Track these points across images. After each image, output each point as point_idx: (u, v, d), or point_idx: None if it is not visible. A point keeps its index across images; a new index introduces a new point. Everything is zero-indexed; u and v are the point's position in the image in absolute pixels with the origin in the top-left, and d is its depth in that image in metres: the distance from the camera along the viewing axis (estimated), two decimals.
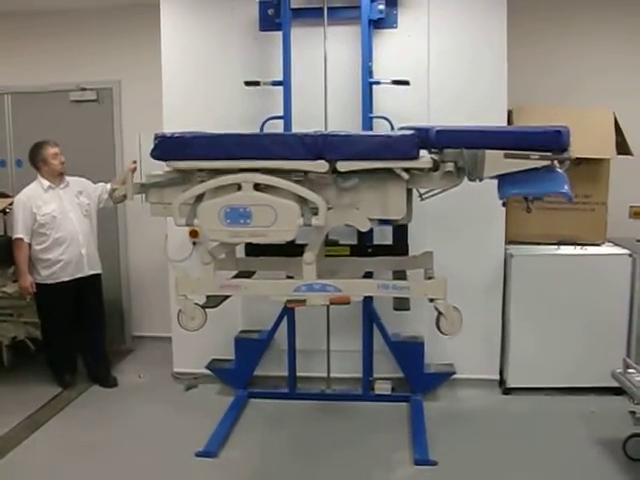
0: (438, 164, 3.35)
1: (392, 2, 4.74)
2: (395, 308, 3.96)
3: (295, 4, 4.67)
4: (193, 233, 3.51)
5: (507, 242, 4.96)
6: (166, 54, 4.97)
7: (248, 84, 4.76)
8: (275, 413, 4.78)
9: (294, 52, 4.63)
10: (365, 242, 4.65)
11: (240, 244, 4.32)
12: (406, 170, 3.35)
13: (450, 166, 3.30)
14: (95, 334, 5.40)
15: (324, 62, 4.71)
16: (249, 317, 5.17)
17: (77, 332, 5.30)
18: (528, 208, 3.45)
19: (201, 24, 4.97)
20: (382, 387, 4.97)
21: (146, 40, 5.47)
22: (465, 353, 4.91)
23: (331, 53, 4.72)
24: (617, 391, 4.44)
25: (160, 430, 4.54)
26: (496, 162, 3.22)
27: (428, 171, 3.39)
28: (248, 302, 5.06)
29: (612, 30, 5.55)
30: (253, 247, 4.55)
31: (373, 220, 3.54)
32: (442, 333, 3.57)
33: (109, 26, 6.02)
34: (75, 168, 5.24)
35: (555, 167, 3.24)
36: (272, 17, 4.77)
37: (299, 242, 3.56)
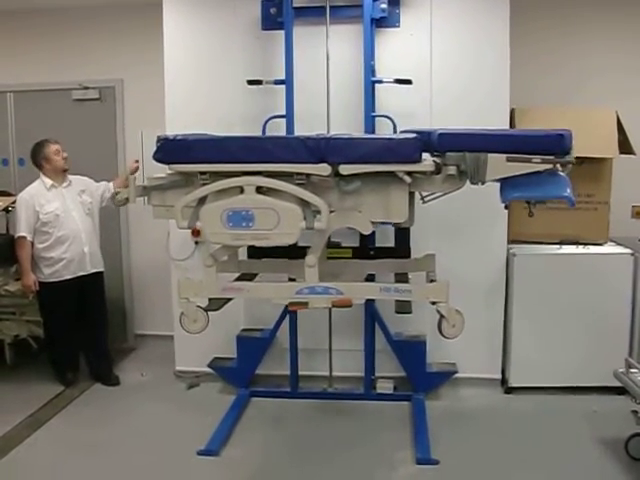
0: (440, 167, 3.34)
1: (394, 1, 4.73)
2: (397, 311, 3.98)
3: (297, 3, 4.66)
4: (195, 232, 3.49)
5: (509, 241, 4.96)
6: (168, 53, 4.96)
7: (250, 83, 4.75)
8: (277, 412, 4.79)
9: (296, 51, 4.62)
10: (367, 244, 4.65)
11: (242, 247, 4.32)
12: (408, 173, 3.34)
13: (452, 169, 3.29)
14: (97, 332, 5.40)
15: (326, 61, 4.69)
16: (251, 315, 5.17)
17: (79, 330, 5.30)
18: (530, 212, 3.44)
19: (203, 23, 4.96)
20: (384, 386, 4.98)
21: (149, 39, 5.46)
22: (467, 352, 4.91)
23: (333, 52, 4.71)
24: (619, 391, 4.45)
25: (162, 428, 4.55)
26: (498, 166, 3.21)
27: (430, 174, 3.39)
28: (250, 301, 5.06)
29: (615, 29, 5.53)
30: (255, 249, 4.53)
31: (375, 223, 3.53)
32: (444, 336, 3.58)
33: (112, 25, 6.02)
34: (77, 166, 5.24)
35: (558, 170, 3.23)
36: (274, 16, 4.76)
37: (301, 244, 3.56)
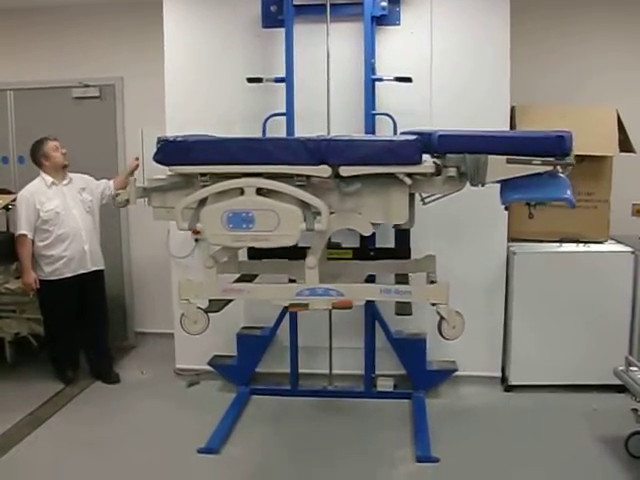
0: (440, 169, 3.34)
1: None
2: (397, 313, 3.97)
3: (298, 1, 4.65)
4: (195, 230, 3.49)
5: (509, 239, 4.95)
6: (169, 51, 4.95)
7: (251, 81, 4.74)
8: (277, 410, 4.80)
9: (296, 49, 4.62)
10: (367, 245, 4.64)
11: (243, 248, 4.33)
12: (409, 175, 3.33)
13: (452, 171, 3.29)
14: (98, 330, 5.40)
15: (327, 59, 4.68)
16: (251, 313, 5.17)
17: (80, 328, 5.30)
18: (530, 214, 3.43)
19: (204, 21, 4.95)
20: (384, 384, 4.98)
21: (149, 37, 5.44)
22: (467, 350, 4.90)
23: (334, 50, 4.69)
24: (619, 389, 4.46)
25: (162, 426, 4.56)
26: (498, 167, 3.20)
27: (431, 176, 3.38)
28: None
29: (615, 28, 5.52)
30: (255, 250, 4.51)
31: (375, 224, 3.53)
32: (444, 338, 3.57)
33: (112, 23, 6.01)
34: (77, 164, 5.24)
35: (558, 172, 3.23)
36: (275, 14, 4.76)
37: (301, 245, 3.55)
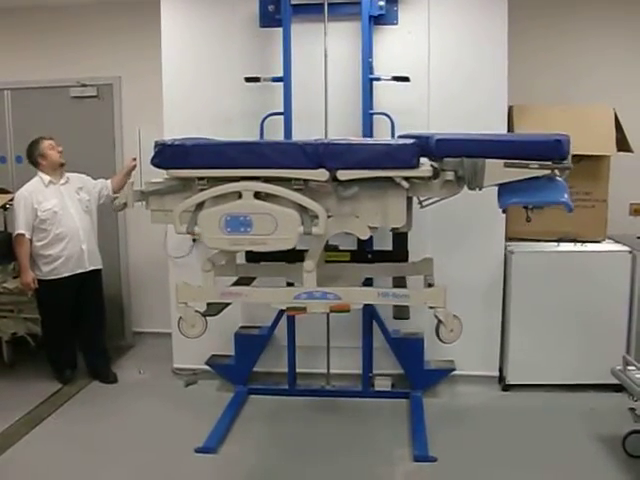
0: (438, 172, 3.34)
1: None
2: (395, 317, 3.98)
3: (295, 0, 4.64)
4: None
5: (507, 239, 4.95)
6: (166, 50, 4.94)
7: (248, 80, 4.73)
8: (275, 409, 4.81)
9: (294, 48, 4.61)
10: (365, 248, 4.63)
11: (240, 252, 4.33)
12: (406, 179, 3.33)
13: (450, 175, 3.28)
14: (95, 330, 5.40)
15: (324, 58, 4.68)
16: (249, 313, 5.17)
17: (77, 328, 5.30)
18: (528, 217, 3.43)
19: (201, 20, 4.94)
20: (382, 383, 5.00)
21: (146, 36, 5.44)
22: (465, 350, 4.86)
23: (331, 49, 4.69)
24: (617, 388, 4.46)
25: (160, 426, 4.57)
26: (496, 171, 3.20)
27: (428, 180, 3.38)
28: None
29: (611, 27, 5.51)
30: (253, 253, 4.47)
31: (373, 228, 3.52)
32: (441, 341, 3.57)
33: (110, 22, 5.99)
34: (75, 164, 5.23)
35: (555, 176, 3.23)
36: (272, 13, 4.76)
37: (299, 248, 3.55)
